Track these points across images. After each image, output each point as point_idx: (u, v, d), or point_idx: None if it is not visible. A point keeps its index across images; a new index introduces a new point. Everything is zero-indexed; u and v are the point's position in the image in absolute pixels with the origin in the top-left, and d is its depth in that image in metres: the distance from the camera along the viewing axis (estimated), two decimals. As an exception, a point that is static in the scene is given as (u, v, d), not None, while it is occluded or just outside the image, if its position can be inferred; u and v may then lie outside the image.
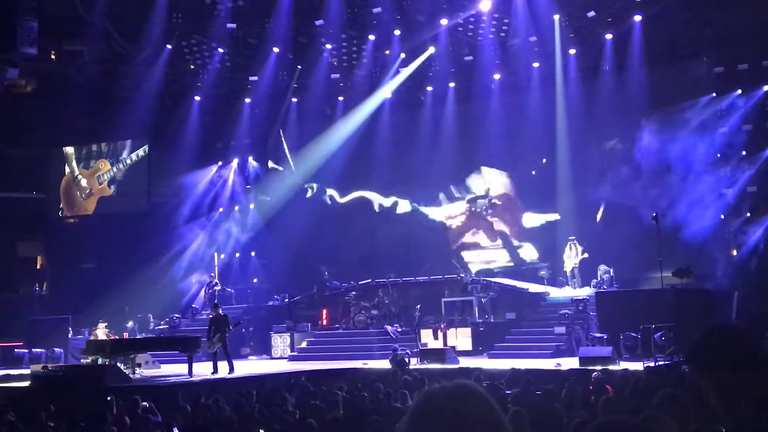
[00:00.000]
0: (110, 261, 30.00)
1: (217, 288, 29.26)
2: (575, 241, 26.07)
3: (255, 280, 32.54)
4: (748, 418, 2.85)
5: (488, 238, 30.66)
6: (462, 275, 27.18)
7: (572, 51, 27.71)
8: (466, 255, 30.42)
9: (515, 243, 30.06)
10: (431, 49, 29.32)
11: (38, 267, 32.88)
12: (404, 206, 32.20)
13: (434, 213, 31.78)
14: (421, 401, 2.18)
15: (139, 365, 21.14)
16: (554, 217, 28.68)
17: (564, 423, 7.61)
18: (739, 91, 25.61)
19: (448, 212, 31.52)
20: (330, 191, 33.03)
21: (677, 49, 26.24)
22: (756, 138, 25.39)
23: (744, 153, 25.38)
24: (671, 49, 26.19)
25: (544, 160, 28.67)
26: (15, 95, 30.02)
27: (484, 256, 30.54)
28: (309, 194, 33.12)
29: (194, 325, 28.29)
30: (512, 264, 29.72)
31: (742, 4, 24.78)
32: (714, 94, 25.91)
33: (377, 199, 32.48)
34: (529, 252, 29.78)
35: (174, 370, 21.76)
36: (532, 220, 29.69)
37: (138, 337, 26.60)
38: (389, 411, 10.29)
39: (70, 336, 26.35)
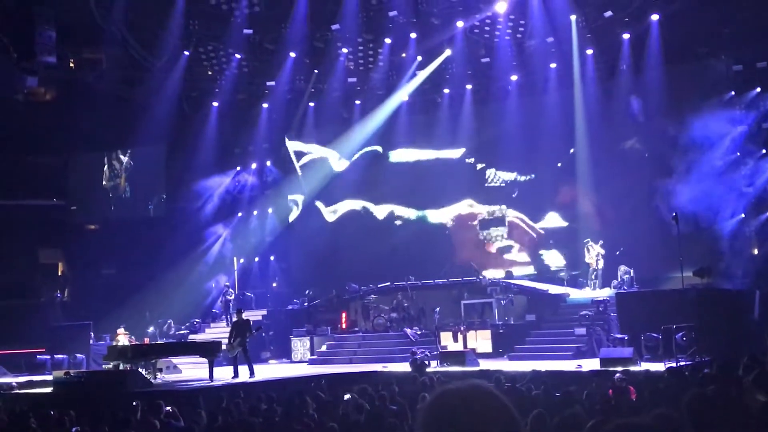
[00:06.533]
0: (130, 267, 30.15)
1: (230, 297, 29.25)
2: (591, 243, 25.98)
3: (274, 284, 32.62)
4: None
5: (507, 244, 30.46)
6: (481, 277, 27.10)
7: (589, 51, 27.61)
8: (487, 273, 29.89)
9: (540, 251, 29.75)
10: (447, 52, 29.29)
11: (59, 273, 33.09)
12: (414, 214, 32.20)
13: (446, 216, 31.68)
14: (434, 400, 2.19)
15: (160, 370, 21.24)
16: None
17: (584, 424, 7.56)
18: (758, 89, 25.43)
19: (464, 218, 31.39)
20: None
21: (695, 47, 26.08)
22: (775, 136, 25.24)
23: (764, 151, 25.20)
24: (689, 47, 26.02)
25: (572, 150, 28.48)
26: (35, 103, 30.27)
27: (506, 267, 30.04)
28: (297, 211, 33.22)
29: (213, 331, 28.38)
30: (535, 272, 29.34)
31: (760, 1, 24.59)
32: (733, 93, 25.75)
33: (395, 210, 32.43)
34: (554, 258, 29.41)
35: (195, 375, 21.84)
36: (550, 222, 29.51)
37: (159, 342, 26.75)
38: (409, 414, 10.28)
39: (91, 342, 26.52)
